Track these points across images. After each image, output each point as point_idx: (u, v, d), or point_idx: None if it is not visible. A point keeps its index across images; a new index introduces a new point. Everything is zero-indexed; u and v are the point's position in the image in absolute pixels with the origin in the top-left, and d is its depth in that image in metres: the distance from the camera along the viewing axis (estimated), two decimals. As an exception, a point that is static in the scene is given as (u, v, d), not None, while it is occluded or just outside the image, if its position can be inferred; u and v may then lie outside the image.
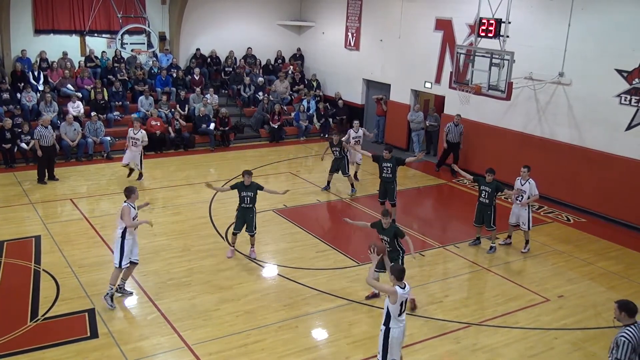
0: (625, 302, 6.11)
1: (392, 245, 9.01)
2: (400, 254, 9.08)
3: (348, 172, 14.54)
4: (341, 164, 14.42)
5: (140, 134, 14.52)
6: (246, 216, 10.65)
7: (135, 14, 19.86)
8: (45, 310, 8.82)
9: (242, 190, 10.60)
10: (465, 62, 14.14)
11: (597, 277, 10.81)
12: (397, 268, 7.07)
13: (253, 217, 10.71)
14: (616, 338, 5.99)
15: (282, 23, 22.85)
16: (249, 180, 10.59)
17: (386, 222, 8.96)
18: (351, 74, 20.96)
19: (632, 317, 6.03)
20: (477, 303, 9.68)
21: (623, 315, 6.05)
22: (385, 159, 12.42)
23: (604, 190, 13.53)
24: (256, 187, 10.62)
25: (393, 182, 12.54)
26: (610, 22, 13.04)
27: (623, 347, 5.89)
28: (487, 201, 11.27)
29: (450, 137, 16.30)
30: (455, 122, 16.18)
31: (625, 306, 6.06)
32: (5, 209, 12.79)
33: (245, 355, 7.96)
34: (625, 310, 6.04)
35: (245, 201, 10.60)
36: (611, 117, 13.24)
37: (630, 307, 6.05)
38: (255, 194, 10.62)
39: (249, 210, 10.65)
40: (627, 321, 6.04)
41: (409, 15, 18.23)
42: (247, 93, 20.67)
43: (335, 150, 14.36)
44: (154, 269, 10.30)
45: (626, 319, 6.04)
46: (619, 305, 6.09)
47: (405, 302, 6.96)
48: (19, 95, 17.13)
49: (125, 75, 19.23)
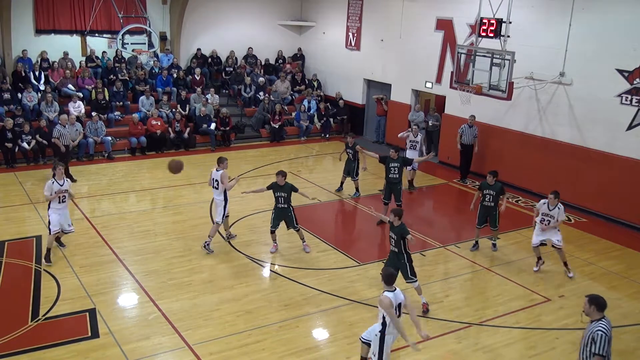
0: (595, 297, 6.12)
1: (397, 245, 8.94)
2: (404, 258, 8.98)
3: (356, 176, 14.40)
4: (352, 166, 14.33)
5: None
6: (285, 215, 10.93)
7: (136, 14, 19.89)
8: (46, 310, 8.83)
9: (277, 190, 10.81)
10: (466, 62, 14.16)
11: (598, 277, 10.81)
12: (387, 272, 7.00)
13: (291, 215, 10.94)
14: (592, 333, 5.97)
15: (282, 23, 22.86)
16: (283, 181, 10.74)
17: (395, 220, 8.85)
18: (352, 74, 20.96)
19: (601, 312, 6.04)
20: (478, 303, 9.68)
21: (592, 309, 6.05)
22: (392, 158, 12.39)
23: (605, 190, 13.52)
24: (290, 188, 10.80)
25: (399, 183, 12.51)
26: (611, 22, 13.04)
27: (601, 341, 5.89)
28: (492, 204, 11.17)
29: (464, 139, 15.78)
30: (470, 123, 15.64)
31: (595, 300, 6.07)
32: (6, 209, 12.81)
33: (246, 355, 7.96)
34: (595, 304, 6.05)
35: (279, 201, 10.84)
36: (612, 117, 13.23)
37: (600, 301, 6.06)
38: (289, 194, 10.80)
39: (286, 210, 10.89)
40: (596, 316, 6.05)
41: (409, 15, 18.22)
42: (247, 93, 20.67)
43: (349, 152, 14.27)
44: (155, 268, 10.31)
45: (595, 313, 6.05)
46: (590, 299, 6.10)
47: (399, 307, 6.88)
48: (20, 95, 17.16)
49: (126, 75, 19.24)
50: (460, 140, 15.84)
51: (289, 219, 10.98)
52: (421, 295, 9.24)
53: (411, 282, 9.04)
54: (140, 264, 10.48)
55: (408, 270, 8.98)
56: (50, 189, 10.23)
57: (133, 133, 17.41)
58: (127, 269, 10.26)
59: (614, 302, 9.83)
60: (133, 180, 15.32)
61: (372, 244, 12.10)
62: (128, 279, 9.96)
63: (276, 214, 10.96)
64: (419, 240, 12.02)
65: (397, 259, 8.98)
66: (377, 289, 9.90)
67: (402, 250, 8.93)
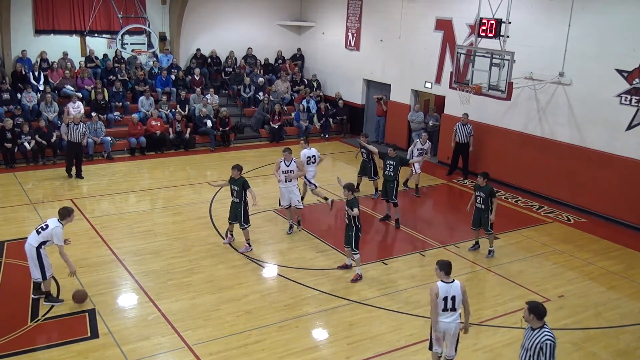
0: (535, 305, 5.99)
1: (349, 219, 9.89)
2: (353, 230, 9.91)
3: (375, 176, 14.24)
4: (367, 167, 14.20)
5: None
6: (235, 210, 11.01)
7: (136, 14, 19.88)
8: (45, 310, 8.82)
9: (231, 184, 10.99)
10: (465, 62, 14.17)
11: (598, 277, 10.81)
12: (443, 262, 7.04)
13: (241, 211, 10.96)
14: (540, 343, 5.84)
15: (282, 23, 22.86)
16: (237, 175, 10.87)
17: (347, 194, 9.81)
18: (351, 74, 20.96)
19: (541, 320, 5.93)
20: (477, 303, 9.66)
21: (532, 318, 5.94)
22: (389, 156, 12.52)
23: (605, 190, 13.53)
24: (242, 183, 10.89)
25: (394, 181, 12.50)
26: (610, 22, 13.04)
27: (549, 349, 5.81)
28: (483, 207, 11.03)
29: (458, 138, 15.89)
30: (463, 122, 15.77)
31: (535, 309, 5.94)
32: (5, 209, 12.80)
33: (246, 355, 7.96)
34: (535, 313, 5.92)
35: (233, 194, 10.99)
36: (611, 117, 13.24)
37: (540, 309, 5.94)
38: (241, 189, 10.88)
39: (237, 204, 10.96)
40: (536, 324, 5.94)
41: (409, 15, 18.23)
42: (247, 93, 20.67)
43: (363, 152, 14.14)
44: (155, 269, 10.31)
45: (535, 321, 5.93)
46: (530, 307, 5.97)
47: (453, 300, 6.96)
48: (20, 95, 17.15)
49: (125, 75, 19.24)
50: (455, 138, 15.97)
51: (238, 214, 10.93)
52: (358, 267, 10.20)
53: (353, 252, 10.09)
54: (139, 264, 10.47)
55: (353, 242, 9.96)
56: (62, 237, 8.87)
57: (132, 133, 17.41)
58: (127, 269, 10.25)
59: (613, 302, 9.87)
60: (132, 180, 15.32)
61: (372, 244, 12.09)
62: (127, 279, 9.95)
63: (230, 207, 11.10)
64: (419, 240, 12.04)
65: (346, 230, 10.07)
66: (377, 289, 9.92)
67: (351, 224, 9.90)
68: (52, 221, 8.82)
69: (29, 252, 8.76)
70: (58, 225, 8.78)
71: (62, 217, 8.86)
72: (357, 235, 9.94)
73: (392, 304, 9.43)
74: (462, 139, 15.91)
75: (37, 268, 8.75)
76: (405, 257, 11.26)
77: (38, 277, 8.81)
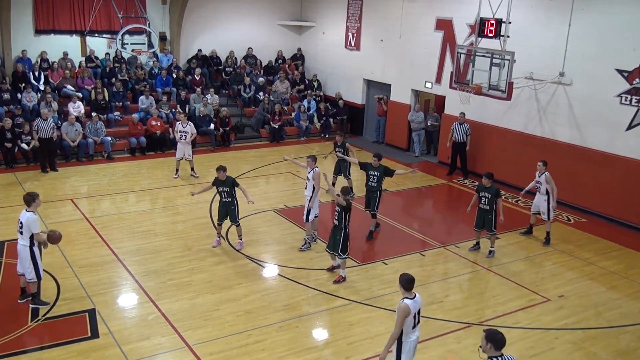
0: (494, 333, 5.52)
1: (339, 218, 9.78)
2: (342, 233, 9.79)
3: (349, 175, 14.24)
4: (343, 165, 14.16)
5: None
6: (228, 209, 11.07)
7: (136, 14, 19.88)
8: (45, 310, 8.82)
9: (219, 185, 11.02)
10: (465, 62, 14.17)
11: (598, 277, 10.81)
12: (405, 277, 6.62)
13: (234, 209, 11.06)
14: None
15: (282, 23, 22.86)
16: (224, 176, 10.94)
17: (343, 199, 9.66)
18: (351, 74, 20.96)
19: (499, 350, 5.47)
20: (477, 303, 9.68)
21: (489, 347, 5.47)
22: (373, 166, 11.77)
23: (605, 190, 13.52)
24: (232, 182, 10.98)
25: (377, 192, 11.83)
26: (611, 22, 13.04)
27: None
28: (488, 207, 11.06)
29: (455, 137, 15.95)
30: (460, 120, 15.85)
31: (492, 337, 5.47)
32: (5, 209, 12.79)
33: (246, 355, 7.96)
34: (493, 341, 5.46)
35: (223, 196, 11.05)
36: (612, 117, 13.24)
37: (499, 338, 5.48)
38: (231, 189, 10.98)
39: (229, 204, 11.04)
40: (493, 353, 5.47)
41: (409, 15, 18.23)
42: (247, 93, 20.68)
43: (339, 151, 14.05)
44: (155, 269, 10.31)
45: (492, 351, 5.47)
46: (487, 335, 5.51)
47: (418, 314, 6.67)
48: (20, 95, 17.16)
49: (125, 75, 19.24)
50: (452, 137, 15.99)
51: (231, 213, 11.04)
52: (343, 270, 10.12)
53: (339, 257, 9.98)
54: (139, 264, 10.47)
55: (339, 247, 9.83)
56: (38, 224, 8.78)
57: (133, 133, 17.41)
58: (127, 269, 10.25)
59: (613, 302, 9.87)
60: (133, 180, 15.32)
61: (371, 244, 12.09)
62: (128, 279, 9.95)
63: (220, 208, 11.14)
64: (419, 240, 12.03)
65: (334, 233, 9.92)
66: (377, 289, 9.92)
67: (340, 225, 9.79)
68: (22, 214, 8.81)
69: (23, 253, 8.78)
70: (27, 213, 8.74)
71: (28, 204, 8.80)
72: (344, 242, 9.80)
73: (392, 304, 9.41)
74: (460, 138, 15.98)
75: (32, 268, 8.75)
76: (405, 257, 11.26)
77: (33, 277, 8.80)
